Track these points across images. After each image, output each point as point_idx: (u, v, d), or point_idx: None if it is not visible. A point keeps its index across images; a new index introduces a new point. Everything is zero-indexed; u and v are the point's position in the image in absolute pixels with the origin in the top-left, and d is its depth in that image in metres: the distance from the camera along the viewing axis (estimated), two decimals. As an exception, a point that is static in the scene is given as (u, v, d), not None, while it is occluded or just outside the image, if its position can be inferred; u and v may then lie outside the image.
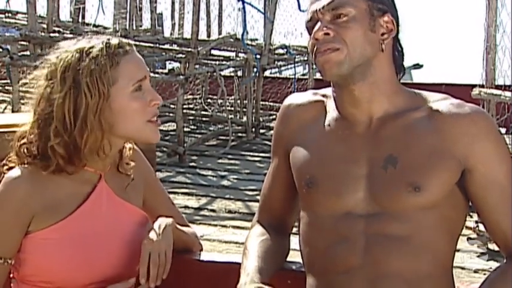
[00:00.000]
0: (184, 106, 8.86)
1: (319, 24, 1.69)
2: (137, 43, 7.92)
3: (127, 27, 8.93)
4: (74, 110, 1.70)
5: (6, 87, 9.24)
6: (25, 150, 1.75)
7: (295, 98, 1.87)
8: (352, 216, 1.69)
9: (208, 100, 10.62)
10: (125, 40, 1.79)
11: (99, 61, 1.71)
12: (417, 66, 14.14)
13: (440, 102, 1.71)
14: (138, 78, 1.76)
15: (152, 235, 1.78)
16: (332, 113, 1.77)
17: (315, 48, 1.70)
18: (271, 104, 10.61)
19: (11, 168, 1.79)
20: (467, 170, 1.66)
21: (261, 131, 9.57)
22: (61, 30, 8.25)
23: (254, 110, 9.31)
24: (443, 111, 1.69)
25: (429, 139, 1.67)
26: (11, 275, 1.81)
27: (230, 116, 9.15)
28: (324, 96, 1.82)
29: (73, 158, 1.74)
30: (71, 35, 7.25)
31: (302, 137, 1.80)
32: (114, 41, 1.76)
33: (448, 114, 1.68)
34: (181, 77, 8.02)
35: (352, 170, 1.70)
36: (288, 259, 1.92)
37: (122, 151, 1.87)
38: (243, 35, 9.02)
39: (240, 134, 9.23)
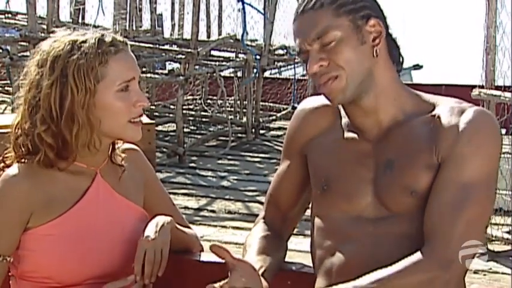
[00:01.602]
0: (184, 107, 8.85)
1: (310, 57, 1.67)
2: (137, 44, 7.93)
3: (127, 28, 8.93)
4: (60, 101, 1.72)
5: (6, 88, 9.23)
6: (21, 145, 1.76)
7: (311, 102, 1.87)
8: (361, 219, 1.71)
9: (208, 101, 10.61)
10: (119, 38, 1.79)
11: (88, 56, 1.72)
12: (417, 66, 14.12)
13: (445, 106, 1.70)
14: (125, 79, 1.76)
15: (149, 232, 1.78)
16: (344, 118, 1.79)
17: (316, 80, 1.69)
18: (271, 104, 10.60)
19: (7, 165, 1.79)
20: (440, 164, 1.65)
21: (261, 131, 9.56)
22: (61, 30, 8.22)
23: (254, 111, 9.30)
24: (443, 114, 1.68)
25: (424, 142, 1.67)
26: (10, 273, 1.82)
27: (230, 117, 9.15)
28: None
29: (62, 152, 1.75)
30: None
31: (318, 141, 1.81)
32: (108, 38, 1.76)
33: (445, 116, 1.67)
34: (181, 77, 8.02)
35: (362, 174, 1.72)
36: (288, 259, 1.93)
37: (114, 143, 1.87)
38: (242, 35, 9.01)
39: (239, 135, 9.22)
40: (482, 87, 5.14)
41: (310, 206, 1.89)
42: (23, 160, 1.77)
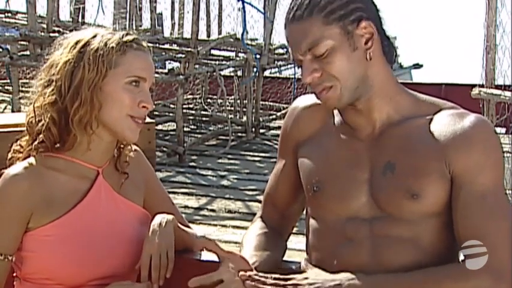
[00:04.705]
0: (184, 106, 8.86)
1: (303, 67, 1.66)
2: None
3: (127, 27, 8.93)
4: (71, 77, 1.75)
5: (6, 87, 9.24)
6: (33, 127, 1.78)
7: (304, 100, 1.87)
8: (357, 220, 1.70)
9: (208, 100, 10.61)
10: (144, 42, 1.84)
11: (108, 43, 1.77)
12: (417, 66, 14.14)
13: (443, 112, 1.70)
14: (138, 74, 1.78)
15: (152, 236, 1.78)
16: (337, 117, 1.78)
17: (311, 88, 1.69)
18: (271, 103, 10.61)
19: (20, 152, 1.81)
20: (453, 177, 1.65)
21: (261, 130, 9.57)
22: (61, 30, 8.23)
23: (254, 110, 9.31)
24: (444, 120, 1.68)
25: (427, 147, 1.67)
26: (14, 274, 1.82)
27: (230, 116, 9.15)
28: None
29: (64, 133, 1.76)
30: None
31: (310, 140, 1.81)
32: (132, 36, 1.82)
33: (447, 123, 1.67)
34: (181, 76, 8.02)
35: (355, 175, 1.71)
36: (288, 258, 1.92)
37: (120, 149, 1.88)
38: (242, 34, 9.02)
39: (239, 134, 9.23)
40: (482, 86, 5.15)
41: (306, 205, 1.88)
42: (33, 148, 1.78)
